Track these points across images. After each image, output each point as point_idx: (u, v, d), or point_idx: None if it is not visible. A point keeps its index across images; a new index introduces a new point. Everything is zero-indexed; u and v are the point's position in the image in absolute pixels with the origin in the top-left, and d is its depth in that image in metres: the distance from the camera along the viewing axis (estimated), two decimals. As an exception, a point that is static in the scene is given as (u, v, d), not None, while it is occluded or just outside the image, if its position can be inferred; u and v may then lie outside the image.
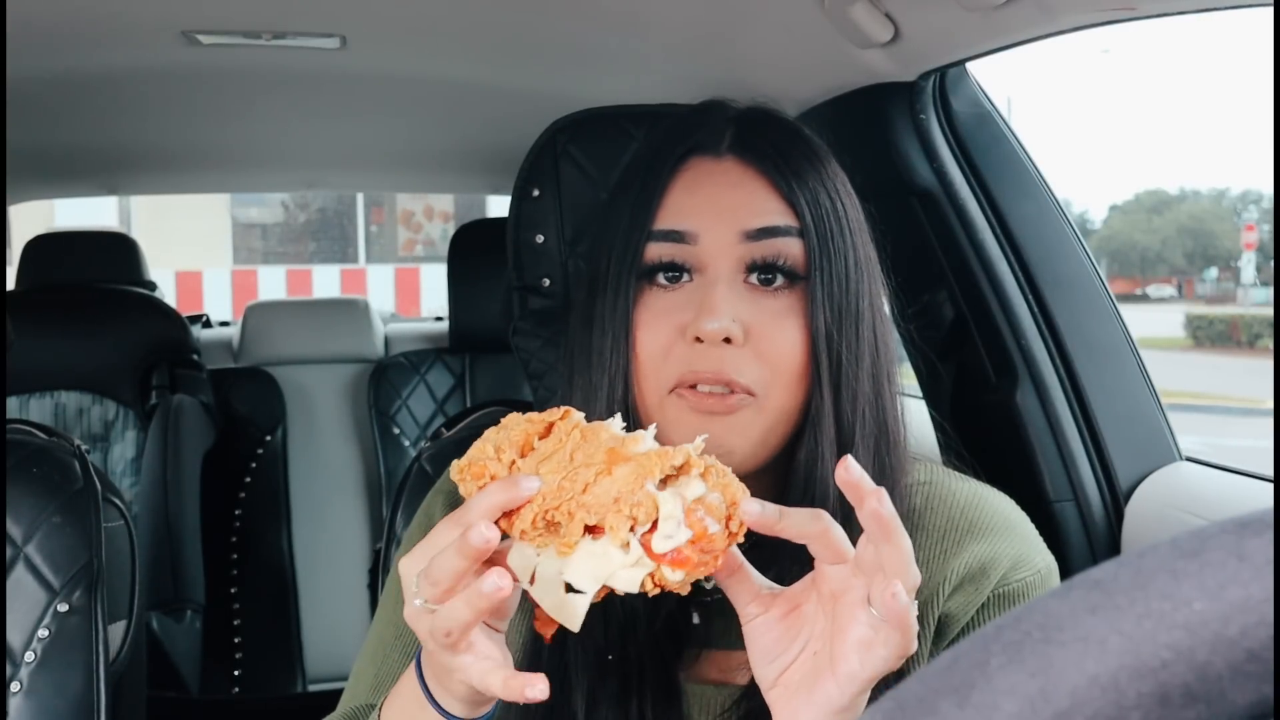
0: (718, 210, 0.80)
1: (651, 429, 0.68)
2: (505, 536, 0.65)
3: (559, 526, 0.63)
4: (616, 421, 0.68)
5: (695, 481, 0.64)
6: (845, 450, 0.78)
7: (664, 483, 0.64)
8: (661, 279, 0.80)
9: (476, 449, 0.67)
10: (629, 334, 0.80)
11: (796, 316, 0.78)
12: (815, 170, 0.82)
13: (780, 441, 0.79)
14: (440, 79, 1.76)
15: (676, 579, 0.62)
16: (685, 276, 0.80)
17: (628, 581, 0.62)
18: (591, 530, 0.63)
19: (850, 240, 0.81)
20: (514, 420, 0.68)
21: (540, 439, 0.67)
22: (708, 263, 0.79)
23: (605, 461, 0.64)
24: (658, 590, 0.63)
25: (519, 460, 0.66)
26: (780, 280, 0.79)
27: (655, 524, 0.63)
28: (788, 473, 0.80)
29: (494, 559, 0.67)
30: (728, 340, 0.76)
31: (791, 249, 0.79)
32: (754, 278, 0.79)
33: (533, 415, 0.68)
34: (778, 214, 0.80)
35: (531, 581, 0.65)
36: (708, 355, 0.77)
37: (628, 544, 0.62)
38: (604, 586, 0.63)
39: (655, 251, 0.80)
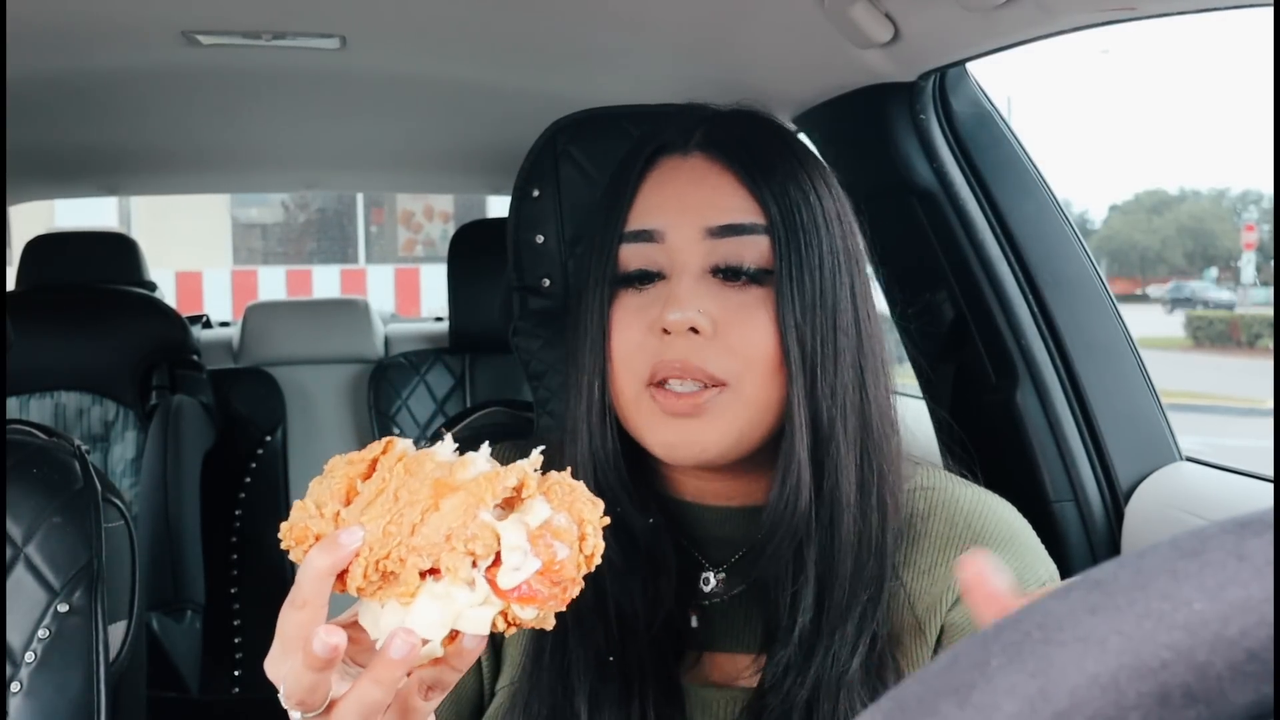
0: (682, 206, 0.80)
1: (484, 448, 0.61)
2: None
3: (396, 576, 0.57)
4: (446, 445, 0.61)
5: (538, 504, 0.58)
6: (824, 445, 0.78)
7: (509, 506, 0.59)
8: (636, 284, 0.81)
9: (297, 509, 0.60)
10: (605, 335, 0.80)
11: (766, 309, 0.78)
12: (785, 165, 0.81)
13: (764, 434, 0.79)
14: (440, 79, 1.76)
15: (529, 616, 0.57)
16: (659, 278, 0.81)
17: (476, 623, 0.56)
18: (432, 572, 0.56)
19: (822, 235, 0.80)
20: (335, 465, 0.61)
21: (364, 480, 0.60)
22: (675, 259, 0.80)
23: (431, 495, 0.57)
24: (512, 630, 0.58)
25: (343, 511, 0.59)
26: (746, 277, 0.79)
27: (499, 556, 0.56)
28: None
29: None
30: (695, 331, 0.77)
31: (757, 247, 0.79)
32: (720, 275, 0.80)
33: (353, 455, 0.61)
34: (742, 211, 0.79)
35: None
36: (674, 346, 0.77)
37: (473, 581, 0.56)
38: (452, 631, 0.57)
39: (627, 255, 0.81)
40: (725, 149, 0.82)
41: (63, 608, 1.02)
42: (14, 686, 0.99)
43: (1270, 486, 1.14)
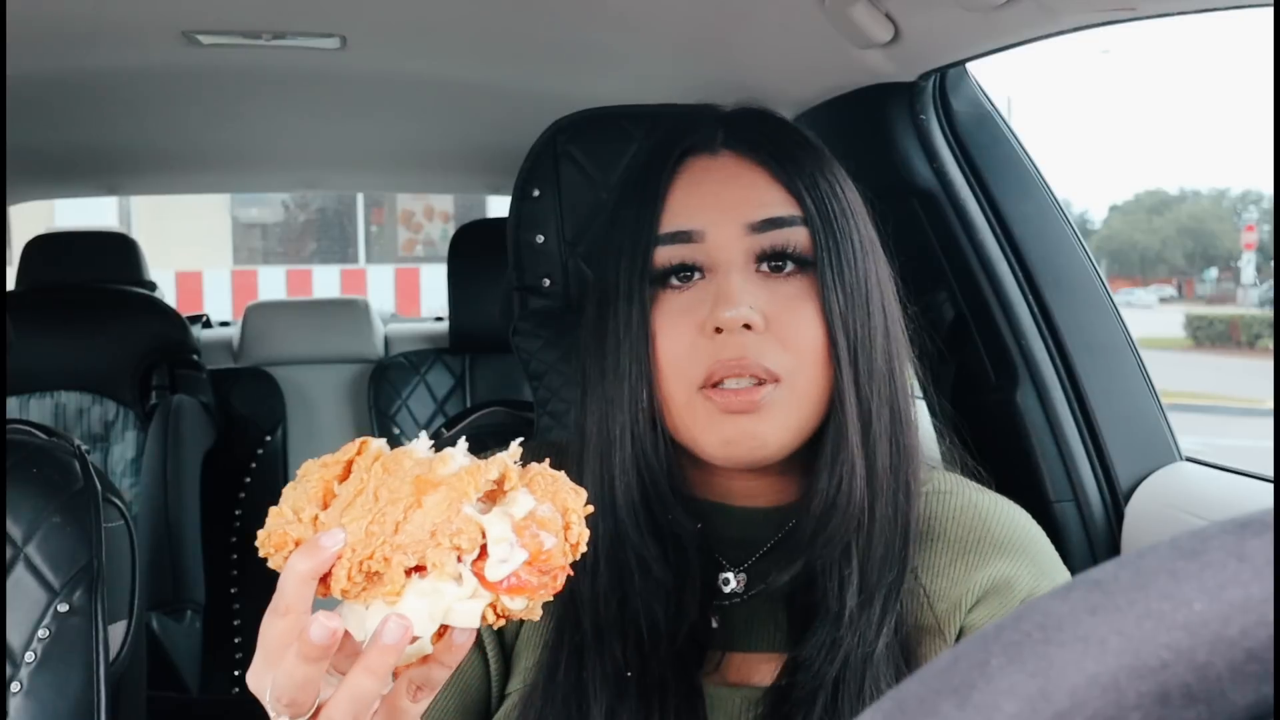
0: (720, 205, 0.80)
1: (462, 444, 0.60)
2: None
3: (381, 576, 0.56)
4: (422, 442, 0.61)
5: (522, 496, 0.58)
6: (867, 429, 0.79)
7: (491, 500, 0.59)
8: (674, 280, 0.80)
9: (273, 515, 0.59)
10: (648, 340, 0.79)
11: (811, 300, 0.79)
12: (810, 157, 0.82)
13: (815, 427, 0.80)
14: (440, 79, 1.76)
15: (519, 607, 0.57)
16: (697, 275, 0.80)
17: (466, 616, 0.57)
18: (418, 570, 0.56)
19: (853, 223, 0.81)
20: (309, 469, 0.60)
21: (340, 482, 0.60)
22: (717, 258, 0.80)
23: (413, 492, 0.57)
24: (502, 621, 0.58)
25: (322, 514, 0.58)
26: (791, 266, 0.80)
27: (484, 550, 0.56)
28: (815, 456, 0.80)
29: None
30: (748, 327, 0.77)
31: (798, 237, 0.79)
32: (764, 266, 0.80)
33: (327, 458, 0.60)
34: (780, 204, 0.80)
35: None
36: (730, 344, 0.77)
37: (460, 576, 0.56)
38: (442, 625, 0.57)
39: (665, 255, 0.80)
40: (753, 145, 0.82)
41: (63, 608, 1.02)
42: (14, 686, 1.00)
43: (1270, 486, 1.14)
